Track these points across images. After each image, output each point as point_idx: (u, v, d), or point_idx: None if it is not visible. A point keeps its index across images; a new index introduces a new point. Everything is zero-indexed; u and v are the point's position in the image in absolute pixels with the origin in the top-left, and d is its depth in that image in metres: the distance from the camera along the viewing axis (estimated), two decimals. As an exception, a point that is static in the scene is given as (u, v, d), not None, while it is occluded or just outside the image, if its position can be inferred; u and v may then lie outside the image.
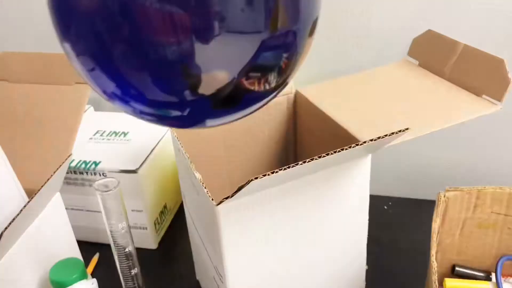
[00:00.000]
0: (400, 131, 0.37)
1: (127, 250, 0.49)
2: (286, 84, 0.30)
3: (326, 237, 0.46)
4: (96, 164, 0.63)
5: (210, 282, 0.51)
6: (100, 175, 0.62)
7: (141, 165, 0.62)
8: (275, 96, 0.30)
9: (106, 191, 0.45)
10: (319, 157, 0.34)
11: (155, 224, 0.67)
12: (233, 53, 0.24)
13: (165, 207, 0.70)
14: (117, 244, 0.48)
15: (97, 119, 0.75)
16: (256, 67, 0.25)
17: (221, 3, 0.22)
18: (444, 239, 0.53)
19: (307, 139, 0.57)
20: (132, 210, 0.64)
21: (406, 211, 0.73)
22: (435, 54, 0.55)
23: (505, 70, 0.47)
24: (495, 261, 0.54)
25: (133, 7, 0.22)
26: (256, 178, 0.32)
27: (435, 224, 0.45)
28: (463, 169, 0.75)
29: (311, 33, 0.31)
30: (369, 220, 0.53)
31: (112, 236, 0.48)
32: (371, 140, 0.36)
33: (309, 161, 0.34)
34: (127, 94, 0.24)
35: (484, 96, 0.49)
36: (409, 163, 0.76)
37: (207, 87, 0.24)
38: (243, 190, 0.34)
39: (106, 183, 0.45)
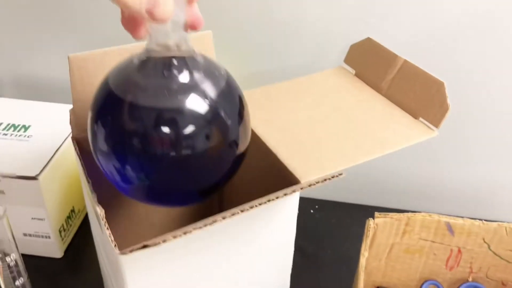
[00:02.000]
0: (333, 177, 0.33)
1: (17, 283, 0.42)
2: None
3: (248, 273, 0.42)
4: (-12, 166, 0.54)
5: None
6: (-7, 179, 0.54)
7: (42, 170, 0.54)
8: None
9: None
10: (235, 213, 0.30)
11: (60, 231, 0.60)
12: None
13: (72, 211, 0.63)
14: (6, 276, 0.41)
15: (-5, 107, 0.65)
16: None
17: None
18: (370, 263, 0.50)
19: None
20: (32, 218, 0.57)
21: (333, 215, 0.71)
22: (373, 66, 0.51)
23: (445, 95, 0.44)
24: (419, 284, 0.53)
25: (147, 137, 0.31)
26: (164, 241, 0.27)
27: (363, 258, 0.43)
28: (396, 175, 0.73)
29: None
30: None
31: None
32: (301, 188, 0.32)
33: (222, 219, 0.29)
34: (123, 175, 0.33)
35: (421, 118, 0.46)
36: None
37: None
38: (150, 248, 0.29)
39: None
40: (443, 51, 0.62)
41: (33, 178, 0.53)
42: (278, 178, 0.41)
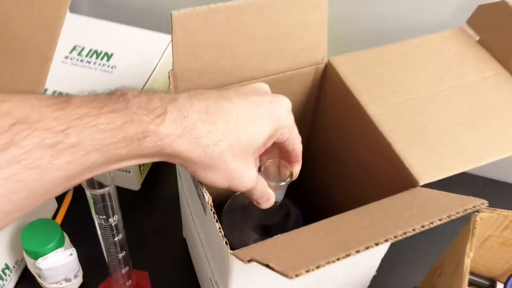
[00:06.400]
0: (474, 207, 0.29)
1: (116, 239, 0.42)
2: None
3: (345, 274, 0.41)
4: (73, 100, 0.53)
5: (205, 278, 0.46)
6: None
7: (128, 111, 0.52)
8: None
9: (98, 193, 0.36)
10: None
11: (139, 166, 0.59)
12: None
13: (151, 144, 0.62)
14: (106, 236, 0.41)
15: (74, 27, 0.62)
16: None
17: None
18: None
19: (328, 125, 0.48)
20: (114, 154, 0.56)
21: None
22: (504, 35, 0.44)
23: None
24: (503, 273, 0.51)
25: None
26: (313, 268, 0.25)
27: (468, 259, 0.40)
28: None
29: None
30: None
31: (100, 230, 0.41)
32: (440, 220, 0.28)
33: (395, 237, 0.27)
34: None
35: (555, 110, 0.41)
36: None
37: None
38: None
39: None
40: None
41: (119, 119, 0.51)
42: (391, 174, 0.38)
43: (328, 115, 0.47)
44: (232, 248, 0.43)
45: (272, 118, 0.33)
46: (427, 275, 0.52)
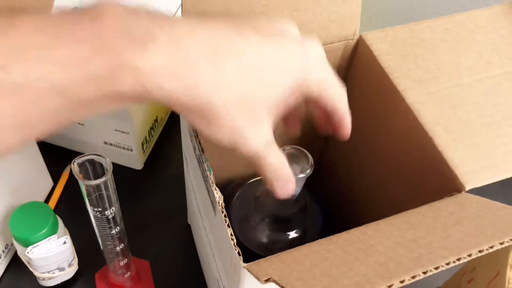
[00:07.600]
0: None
1: (113, 232, 0.37)
2: None
3: None
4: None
5: (211, 278, 0.42)
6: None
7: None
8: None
9: (93, 184, 0.31)
10: None
11: (142, 144, 0.54)
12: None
13: (155, 120, 0.57)
14: (102, 228, 0.37)
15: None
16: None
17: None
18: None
19: (356, 112, 0.42)
20: (116, 130, 0.51)
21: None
22: None
23: None
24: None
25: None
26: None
27: (511, 272, 0.36)
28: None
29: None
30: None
31: (95, 222, 0.36)
32: (501, 243, 0.23)
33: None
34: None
35: None
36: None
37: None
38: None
39: (90, 161, 0.32)
40: None
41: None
42: (431, 174, 0.33)
43: (355, 100, 0.41)
44: (241, 242, 0.39)
45: (297, 68, 0.26)
46: (454, 276, 0.47)
